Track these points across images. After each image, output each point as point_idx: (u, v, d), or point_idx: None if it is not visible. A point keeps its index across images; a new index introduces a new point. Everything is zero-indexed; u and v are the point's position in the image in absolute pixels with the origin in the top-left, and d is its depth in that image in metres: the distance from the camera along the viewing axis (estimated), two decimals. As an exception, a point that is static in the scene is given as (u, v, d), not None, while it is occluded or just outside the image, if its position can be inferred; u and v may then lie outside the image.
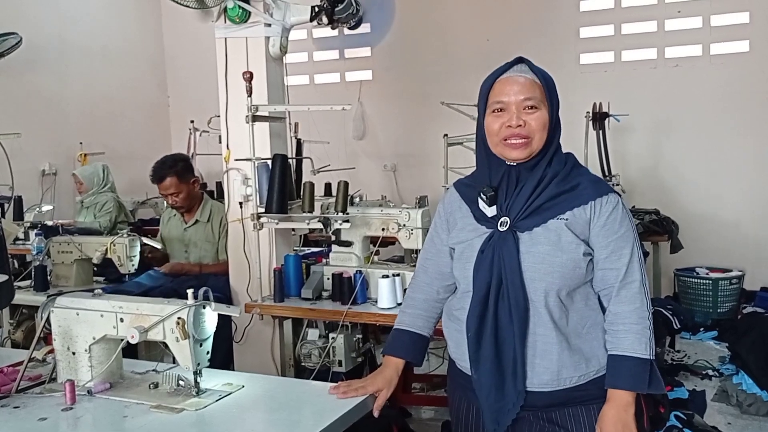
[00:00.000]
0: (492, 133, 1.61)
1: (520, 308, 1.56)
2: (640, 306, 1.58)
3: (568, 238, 1.56)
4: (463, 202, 1.73)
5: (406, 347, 1.82)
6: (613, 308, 1.59)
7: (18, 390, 1.86)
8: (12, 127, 4.38)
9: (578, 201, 1.57)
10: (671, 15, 5.63)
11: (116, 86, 6.70)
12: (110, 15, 6.73)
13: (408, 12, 6.42)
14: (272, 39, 3.26)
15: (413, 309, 1.83)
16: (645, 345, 1.56)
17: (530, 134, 1.56)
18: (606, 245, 1.58)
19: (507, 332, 1.57)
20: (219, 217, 3.70)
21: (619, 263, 1.58)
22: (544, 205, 1.57)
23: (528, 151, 1.57)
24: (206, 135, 5.37)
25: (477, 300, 1.61)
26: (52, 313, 1.91)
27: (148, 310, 1.81)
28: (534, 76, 1.59)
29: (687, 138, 5.61)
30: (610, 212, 1.58)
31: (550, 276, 1.55)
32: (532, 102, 1.57)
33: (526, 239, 1.57)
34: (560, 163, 1.62)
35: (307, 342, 2.97)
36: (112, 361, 1.89)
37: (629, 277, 1.58)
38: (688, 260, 5.35)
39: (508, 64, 1.63)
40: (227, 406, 1.76)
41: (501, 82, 1.61)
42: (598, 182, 1.62)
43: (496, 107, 1.60)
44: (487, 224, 1.63)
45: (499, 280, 1.57)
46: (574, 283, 1.58)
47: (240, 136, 3.21)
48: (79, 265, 3.55)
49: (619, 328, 1.57)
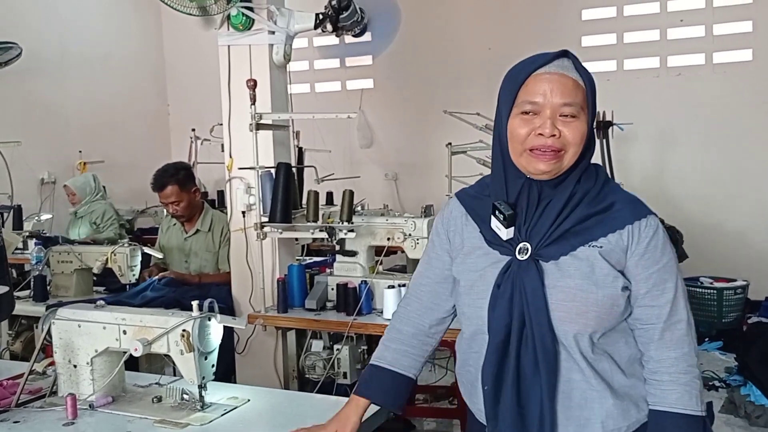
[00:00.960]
0: (517, 139, 1.31)
1: (549, 355, 1.29)
2: (688, 351, 1.33)
3: (603, 269, 1.29)
4: (469, 218, 1.45)
5: (386, 390, 1.52)
6: (655, 354, 1.33)
7: (18, 404, 1.83)
8: (12, 135, 4.36)
9: (613, 225, 1.31)
10: (674, 24, 5.62)
11: (116, 95, 6.68)
12: (110, 24, 6.71)
13: (410, 20, 6.41)
14: (276, 46, 3.23)
15: (398, 344, 1.54)
16: (696, 399, 1.31)
17: (564, 147, 1.29)
18: (647, 278, 1.31)
19: (532, 385, 1.30)
20: (220, 227, 3.66)
21: (662, 299, 1.32)
22: (573, 229, 1.31)
23: (558, 166, 1.29)
24: (207, 143, 5.34)
25: (494, 346, 1.33)
26: (53, 324, 1.88)
27: (151, 322, 1.77)
28: (578, 76, 1.30)
29: (690, 147, 5.59)
30: (650, 238, 1.31)
31: (584, 317, 1.28)
32: (572, 109, 1.28)
33: (552, 270, 1.30)
34: (590, 178, 1.34)
35: (312, 353, 2.92)
36: (115, 374, 1.85)
37: (674, 317, 1.32)
38: (693, 270, 5.30)
39: (549, 56, 1.31)
40: (233, 421, 1.73)
41: (538, 77, 1.29)
42: (635, 202, 1.35)
43: (527, 108, 1.30)
44: (502, 249, 1.35)
45: (521, 321, 1.30)
46: (611, 324, 1.32)
47: (243, 145, 3.17)
48: (79, 275, 3.51)
49: (663, 378, 1.32)
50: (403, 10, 6.39)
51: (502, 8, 6.07)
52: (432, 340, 1.55)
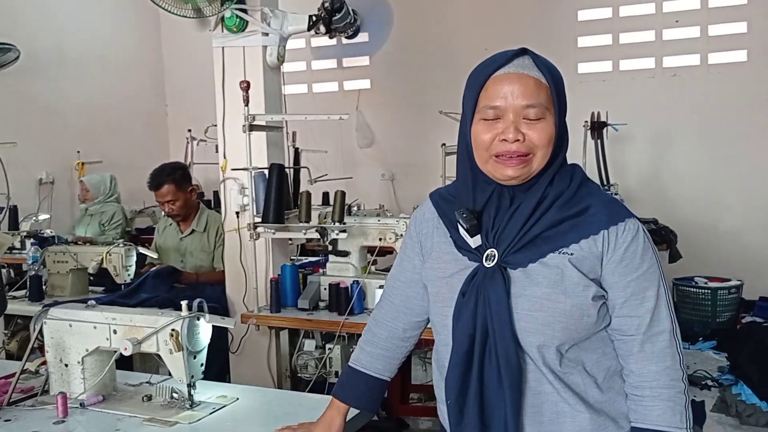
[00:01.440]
0: (481, 145, 1.24)
1: (512, 369, 1.21)
2: (672, 364, 1.23)
3: (573, 277, 1.21)
4: (440, 221, 1.37)
5: (359, 393, 1.52)
6: (635, 367, 1.24)
7: (9, 403, 1.85)
8: (10, 136, 4.38)
9: (587, 230, 1.23)
10: (669, 24, 5.64)
11: (114, 96, 6.70)
12: (109, 25, 6.73)
13: (406, 21, 6.43)
14: (269, 48, 3.25)
15: (373, 347, 1.52)
16: (680, 416, 1.22)
17: (531, 151, 1.22)
18: (624, 286, 1.23)
19: (496, 399, 1.23)
20: (215, 227, 3.69)
21: (641, 309, 1.23)
22: (543, 234, 1.23)
23: (526, 171, 1.22)
24: (204, 144, 5.36)
25: (457, 358, 1.26)
26: (45, 324, 1.90)
27: (141, 322, 1.79)
28: (540, 74, 1.22)
29: (685, 147, 5.61)
30: (628, 244, 1.22)
31: (550, 328, 1.21)
32: (536, 110, 1.21)
33: (520, 279, 1.23)
34: (564, 180, 1.26)
35: (304, 353, 2.95)
36: (105, 373, 1.87)
37: (655, 327, 1.23)
38: (687, 270, 5.32)
39: (507, 55, 1.23)
40: (221, 419, 1.75)
41: (497, 80, 1.22)
42: (612, 204, 1.26)
43: (488, 114, 1.23)
44: (471, 255, 1.28)
45: (485, 332, 1.23)
46: (580, 335, 1.23)
47: (237, 146, 3.20)
48: (75, 275, 3.53)
49: (644, 394, 1.23)
50: (398, 11, 6.41)
51: (499, 9, 6.09)
52: (407, 343, 1.52)
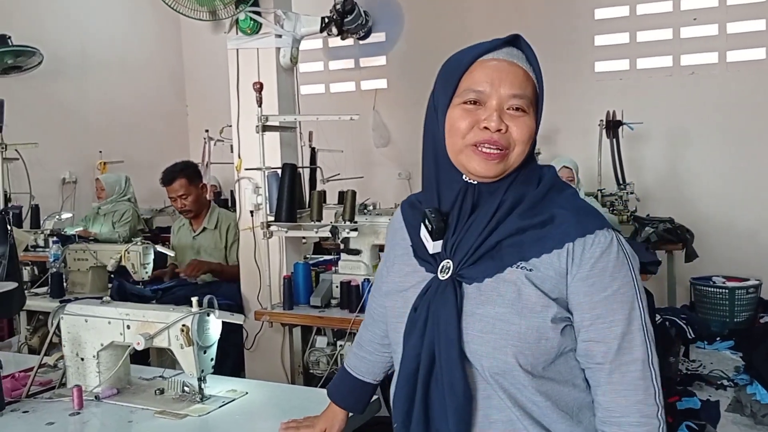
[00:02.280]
0: (457, 132, 1.12)
1: (458, 397, 1.07)
2: (644, 398, 1.07)
3: (531, 296, 1.07)
4: (405, 229, 1.27)
5: (344, 393, 1.52)
6: (603, 399, 1.09)
7: (28, 395, 1.91)
8: (34, 137, 4.48)
9: (550, 243, 1.08)
10: (687, 22, 5.60)
11: (135, 96, 6.80)
12: (130, 28, 6.83)
13: (422, 21, 6.45)
14: (283, 50, 3.30)
15: (359, 349, 1.51)
16: None
17: (510, 145, 1.10)
18: (591, 307, 1.08)
19: (442, 427, 1.10)
20: (227, 225, 3.75)
21: (609, 334, 1.07)
22: (502, 244, 1.10)
23: (502, 167, 1.11)
24: (221, 144, 5.43)
25: (403, 379, 1.14)
26: (62, 319, 1.96)
27: (153, 317, 1.85)
28: (530, 68, 1.13)
29: (703, 146, 5.57)
30: (596, 259, 1.07)
31: (501, 352, 1.06)
32: (522, 102, 1.10)
33: (474, 295, 1.10)
34: (528, 182, 1.13)
35: (316, 349, 3.00)
36: (119, 367, 1.93)
37: (626, 355, 1.07)
38: (705, 269, 5.29)
39: (498, 41, 1.13)
40: (231, 412, 1.79)
41: (484, 64, 1.12)
42: (583, 213, 1.11)
43: (470, 97, 1.11)
44: (428, 266, 1.17)
45: (431, 353, 1.10)
46: (538, 361, 1.08)
47: (251, 146, 3.25)
48: (95, 273, 3.62)
49: (612, 430, 1.08)
50: (414, 10, 6.43)
51: (515, 7, 6.08)
52: (387, 350, 1.42)
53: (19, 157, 4.10)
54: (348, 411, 1.54)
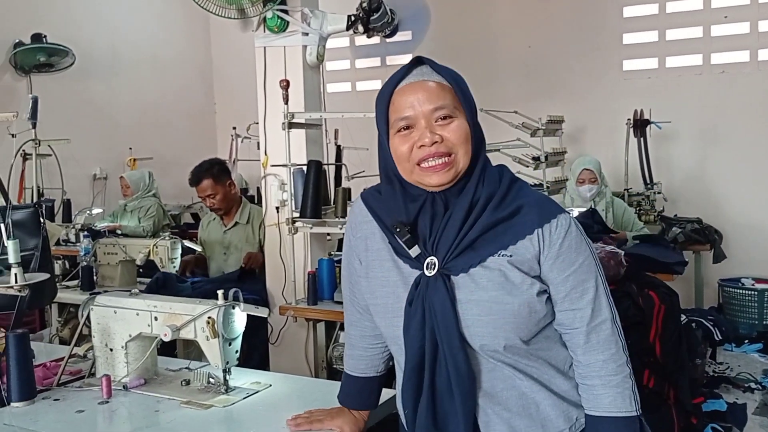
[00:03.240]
0: (402, 158, 1.25)
1: (462, 377, 1.23)
2: (616, 351, 1.28)
3: (516, 278, 1.23)
4: (375, 224, 1.35)
5: (351, 395, 1.56)
6: (583, 358, 1.28)
7: (59, 384, 1.96)
8: (66, 133, 4.57)
9: (522, 231, 1.24)
10: (718, 20, 5.52)
11: (165, 94, 6.91)
12: (160, 26, 6.94)
13: (448, 19, 6.44)
14: (309, 48, 3.33)
15: (352, 349, 1.55)
16: (629, 399, 1.27)
17: (451, 150, 1.23)
18: (563, 281, 1.26)
19: (449, 409, 1.25)
20: (259, 219, 3.79)
21: (582, 302, 1.26)
22: (481, 238, 1.24)
23: (453, 172, 1.24)
24: (248, 141, 5.49)
25: (410, 371, 1.27)
26: (92, 310, 2.01)
27: (180, 310, 1.88)
28: (440, 78, 1.26)
29: (733, 146, 5.48)
30: (562, 239, 1.25)
31: (501, 330, 1.22)
32: (445, 110, 1.24)
33: (465, 284, 1.23)
34: (493, 181, 1.28)
35: (339, 344, 3.02)
36: (147, 357, 1.97)
37: (598, 318, 1.27)
38: (734, 270, 5.22)
39: (404, 69, 1.28)
40: (254, 403, 1.82)
41: (400, 92, 1.26)
42: (542, 203, 1.28)
43: (401, 125, 1.25)
44: (412, 262, 1.28)
45: (434, 342, 1.24)
46: (532, 331, 1.26)
47: (277, 143, 3.29)
48: (124, 266, 3.69)
49: (595, 383, 1.27)
50: (441, 8, 6.43)
51: (542, 6, 6.05)
52: (381, 339, 1.48)
53: (52, 152, 4.19)
54: (362, 409, 1.58)
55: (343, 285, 1.53)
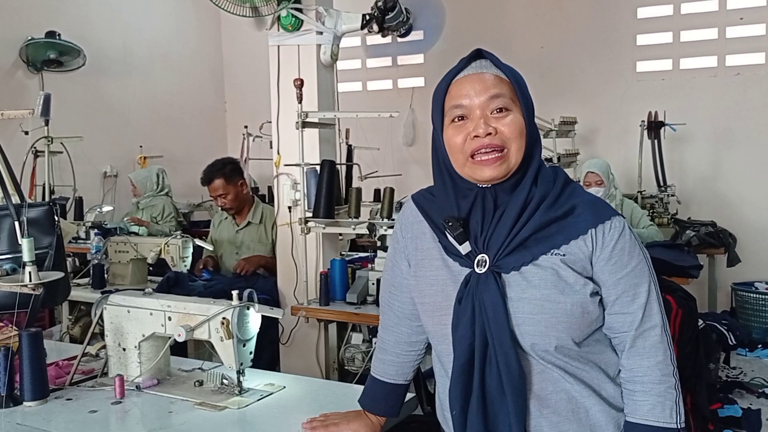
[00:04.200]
0: (455, 149, 1.24)
1: (513, 375, 1.20)
2: (663, 359, 1.24)
3: (569, 277, 1.21)
4: (425, 224, 1.35)
5: (378, 400, 1.53)
6: (627, 362, 1.26)
7: (71, 383, 1.95)
8: (77, 131, 4.57)
9: (575, 231, 1.23)
10: (733, 22, 5.47)
11: (175, 93, 6.91)
12: (172, 25, 6.94)
13: (461, 19, 6.41)
14: (323, 46, 3.31)
15: (384, 354, 1.53)
16: (670, 411, 1.23)
17: (505, 144, 1.22)
18: (615, 284, 1.23)
19: (500, 408, 1.22)
20: (272, 219, 3.78)
21: (633, 306, 1.24)
22: (534, 236, 1.22)
23: (505, 167, 1.22)
24: (259, 140, 5.48)
25: (459, 367, 1.24)
26: (105, 310, 1.99)
27: (194, 310, 1.87)
28: (498, 71, 1.26)
29: (748, 149, 5.43)
30: (615, 241, 1.23)
31: (554, 329, 1.20)
32: (501, 102, 1.23)
33: (516, 282, 1.22)
34: (548, 181, 1.26)
35: (351, 346, 3.00)
36: (160, 358, 1.96)
37: (647, 323, 1.24)
38: (747, 274, 5.17)
39: (464, 60, 1.28)
40: (269, 405, 1.80)
41: (458, 82, 1.26)
42: (596, 204, 1.27)
43: (456, 113, 1.24)
44: (461, 261, 1.26)
45: (484, 339, 1.21)
46: (584, 333, 1.23)
47: (290, 142, 3.27)
48: (135, 265, 3.68)
49: (636, 388, 1.25)
50: (453, 8, 6.39)
51: (556, 6, 6.01)
52: (416, 347, 1.50)
53: (64, 150, 4.19)
54: (385, 416, 1.55)
55: (383, 289, 1.52)
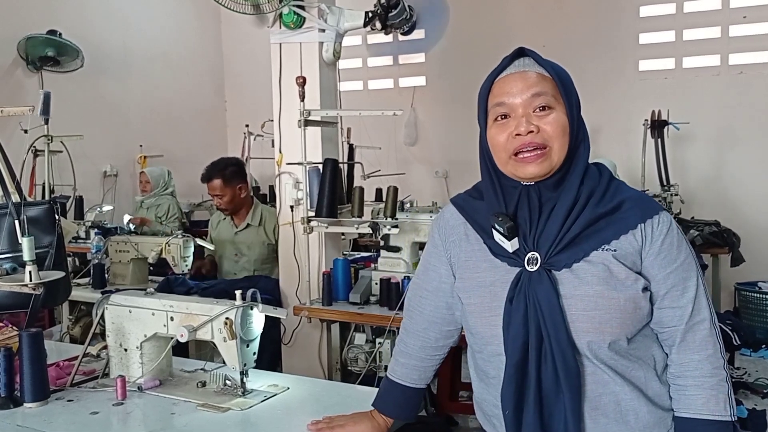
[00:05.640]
0: (498, 147, 1.25)
1: (571, 371, 1.19)
2: (714, 353, 1.24)
3: (621, 272, 1.21)
4: (469, 227, 1.35)
5: (398, 404, 1.52)
6: (677, 357, 1.25)
7: (72, 384, 1.92)
8: (77, 130, 4.54)
9: (625, 225, 1.23)
10: (736, 20, 5.45)
11: (176, 91, 6.88)
12: (172, 24, 6.91)
13: (462, 18, 6.39)
14: (326, 44, 3.29)
15: (407, 358, 1.51)
16: (724, 403, 1.22)
17: (547, 142, 1.22)
18: (665, 278, 1.23)
19: (556, 405, 1.21)
20: (272, 221, 3.75)
21: (683, 300, 1.24)
22: (584, 233, 1.22)
23: (547, 164, 1.22)
24: (260, 139, 5.45)
25: (512, 368, 1.23)
26: (106, 310, 1.97)
27: (197, 310, 1.84)
28: (541, 69, 1.25)
29: (751, 148, 5.41)
30: (664, 235, 1.23)
31: (608, 325, 1.19)
32: (543, 100, 1.22)
33: (568, 279, 1.21)
34: (593, 177, 1.26)
35: (354, 346, 2.98)
36: (162, 358, 1.93)
37: (697, 316, 1.24)
38: (751, 274, 5.14)
39: (507, 59, 1.28)
40: (272, 407, 1.78)
41: (500, 81, 1.27)
42: (643, 199, 1.27)
43: (498, 111, 1.25)
44: (510, 261, 1.26)
45: (539, 337, 1.21)
46: (635, 328, 1.23)
47: (292, 141, 3.24)
48: (136, 265, 3.65)
49: (688, 383, 1.24)
50: (454, 7, 6.38)
51: (558, 4, 5.99)
52: (440, 352, 1.50)
53: (64, 149, 4.16)
54: (402, 419, 1.54)
55: (412, 293, 1.50)
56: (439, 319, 1.44)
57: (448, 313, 1.42)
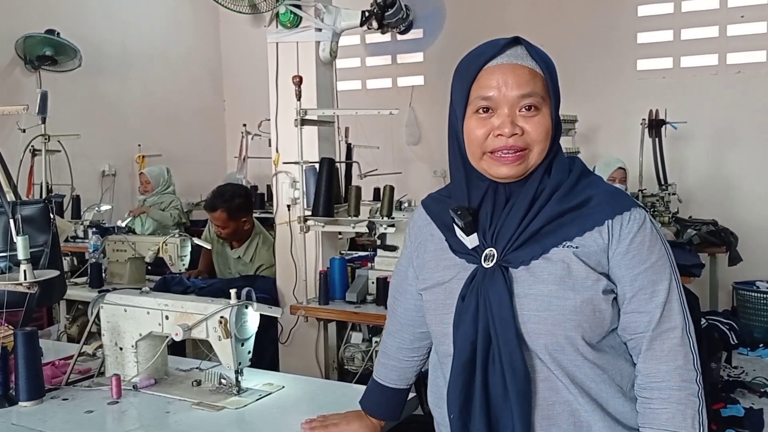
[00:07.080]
0: (474, 142, 1.16)
1: (518, 376, 1.11)
2: (684, 364, 1.13)
3: (580, 272, 1.12)
4: (434, 226, 1.29)
5: (378, 404, 1.50)
6: (643, 366, 1.15)
7: (68, 383, 1.92)
8: (75, 129, 4.54)
9: (590, 221, 1.14)
10: (734, 20, 5.44)
11: (174, 91, 6.88)
12: (170, 23, 6.91)
13: (460, 17, 6.39)
14: (322, 43, 3.29)
15: (387, 359, 1.49)
16: (692, 419, 1.12)
17: (528, 146, 1.14)
18: (632, 280, 1.14)
19: (503, 411, 1.13)
20: (261, 259, 3.70)
21: (650, 304, 1.13)
22: (544, 229, 1.14)
23: (523, 167, 1.15)
24: (258, 138, 5.45)
25: (459, 367, 1.16)
26: (102, 309, 1.97)
27: (192, 309, 1.84)
28: (534, 64, 1.15)
29: (749, 147, 5.41)
30: (634, 234, 1.14)
31: (560, 327, 1.11)
32: (533, 100, 1.13)
33: (523, 277, 1.14)
34: (562, 171, 1.18)
35: (351, 345, 2.98)
36: (157, 357, 1.93)
37: (666, 323, 1.14)
38: (748, 273, 5.14)
39: (499, 45, 1.16)
40: (267, 405, 1.78)
41: (489, 71, 1.15)
42: (615, 194, 1.18)
43: (481, 104, 1.15)
44: (468, 257, 1.20)
45: (487, 337, 1.13)
46: (595, 333, 1.13)
47: (289, 140, 3.25)
48: (133, 264, 3.66)
49: (653, 396, 1.13)
50: (453, 6, 6.38)
51: (556, 4, 5.98)
52: (418, 353, 1.46)
53: (62, 148, 4.16)
54: (386, 420, 1.53)
55: (390, 294, 1.50)
56: (410, 321, 1.42)
57: (418, 315, 1.37)
